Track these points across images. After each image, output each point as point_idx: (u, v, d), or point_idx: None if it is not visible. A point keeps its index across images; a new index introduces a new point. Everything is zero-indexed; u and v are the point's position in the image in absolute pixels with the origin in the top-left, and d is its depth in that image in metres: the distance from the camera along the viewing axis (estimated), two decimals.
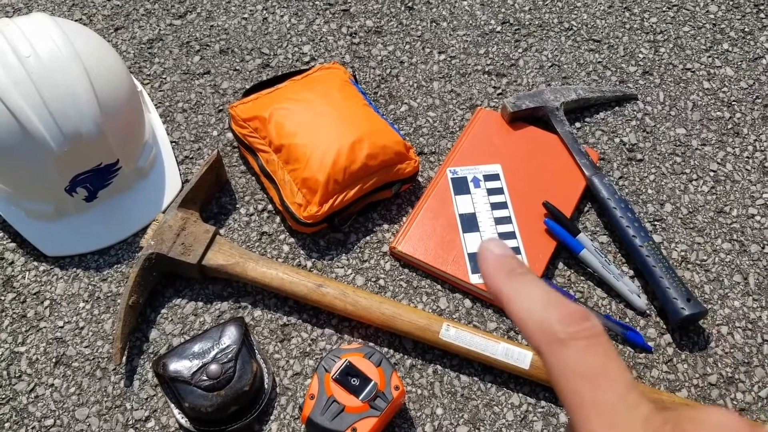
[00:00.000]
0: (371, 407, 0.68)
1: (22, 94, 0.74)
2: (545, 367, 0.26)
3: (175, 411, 0.73)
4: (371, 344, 0.80)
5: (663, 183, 0.94)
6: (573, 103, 0.98)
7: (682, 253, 0.88)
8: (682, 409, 0.23)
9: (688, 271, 0.87)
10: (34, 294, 0.83)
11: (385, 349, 0.80)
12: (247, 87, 1.02)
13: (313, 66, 1.01)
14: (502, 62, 1.06)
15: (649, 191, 0.93)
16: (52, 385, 0.77)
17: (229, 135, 0.97)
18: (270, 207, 0.91)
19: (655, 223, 0.90)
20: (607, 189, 0.88)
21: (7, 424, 0.75)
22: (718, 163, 0.96)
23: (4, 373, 0.78)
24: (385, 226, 0.89)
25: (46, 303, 0.83)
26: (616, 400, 0.23)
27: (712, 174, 0.95)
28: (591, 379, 0.24)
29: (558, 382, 0.25)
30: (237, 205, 0.91)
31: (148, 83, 1.02)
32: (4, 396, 0.76)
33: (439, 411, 0.76)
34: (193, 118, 0.99)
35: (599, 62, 1.07)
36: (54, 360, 0.79)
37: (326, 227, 0.87)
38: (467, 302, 0.83)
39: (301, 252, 0.87)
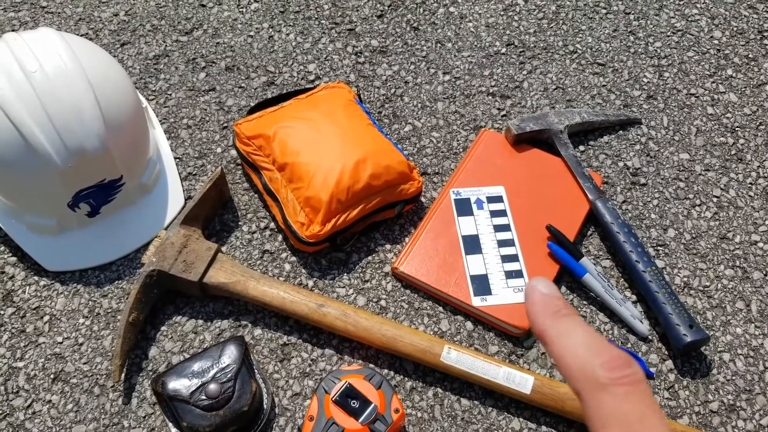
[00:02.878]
0: (371, 430, 0.68)
1: (28, 108, 0.74)
2: (583, 410, 0.26)
3: (173, 430, 0.73)
4: (372, 366, 0.80)
5: (666, 208, 0.94)
6: (577, 126, 0.99)
7: (685, 279, 0.88)
8: None
9: (690, 297, 0.86)
10: (34, 309, 0.83)
11: (386, 371, 0.79)
12: (252, 104, 1.02)
13: (318, 85, 1.02)
14: (506, 84, 1.07)
15: (653, 216, 0.93)
16: (50, 401, 0.77)
17: (233, 152, 0.97)
18: (272, 225, 0.90)
19: (658, 248, 0.90)
20: (611, 213, 0.88)
21: None
22: (721, 189, 0.96)
23: (2, 388, 0.77)
24: (388, 247, 0.89)
25: (46, 318, 0.82)
26: None
27: (715, 200, 0.95)
28: (628, 425, 0.24)
29: (594, 426, 0.25)
30: (239, 223, 0.90)
31: (153, 99, 1.03)
32: (1, 412, 0.76)
33: None
34: (198, 134, 0.99)
35: (603, 86, 1.07)
36: (52, 376, 0.78)
37: (328, 246, 0.87)
38: (469, 325, 0.83)
39: (303, 271, 0.87)
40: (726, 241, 0.91)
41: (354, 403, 0.69)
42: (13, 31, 1.09)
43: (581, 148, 1.00)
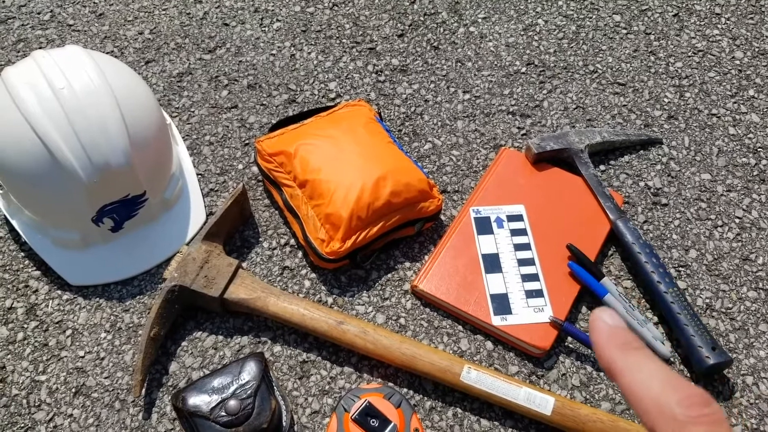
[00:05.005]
0: None
1: (55, 125, 0.76)
2: None
3: None
4: (391, 384, 0.79)
5: (688, 228, 0.93)
6: (598, 145, 0.98)
7: (707, 301, 0.87)
8: None
9: (713, 319, 0.85)
10: (57, 323, 0.84)
11: (405, 390, 0.79)
12: (274, 122, 1.03)
13: (338, 103, 1.02)
14: (526, 103, 1.07)
15: (674, 236, 0.92)
16: (71, 415, 0.77)
17: (254, 169, 0.98)
18: (293, 242, 0.91)
19: (680, 269, 0.89)
20: (632, 233, 0.87)
21: None
22: (743, 209, 0.95)
23: (24, 401, 0.78)
24: (407, 264, 0.89)
25: (68, 332, 0.83)
26: None
27: (737, 221, 0.94)
28: None
29: None
30: (260, 239, 0.91)
31: (176, 116, 1.04)
32: (23, 425, 0.76)
33: None
34: (220, 151, 1.00)
35: (624, 105, 1.07)
36: (74, 390, 0.79)
37: (348, 263, 0.87)
38: (489, 344, 0.83)
39: (323, 288, 0.87)
40: (749, 262, 0.90)
41: (373, 422, 0.69)
42: (41, 48, 1.11)
43: (602, 167, 0.99)
